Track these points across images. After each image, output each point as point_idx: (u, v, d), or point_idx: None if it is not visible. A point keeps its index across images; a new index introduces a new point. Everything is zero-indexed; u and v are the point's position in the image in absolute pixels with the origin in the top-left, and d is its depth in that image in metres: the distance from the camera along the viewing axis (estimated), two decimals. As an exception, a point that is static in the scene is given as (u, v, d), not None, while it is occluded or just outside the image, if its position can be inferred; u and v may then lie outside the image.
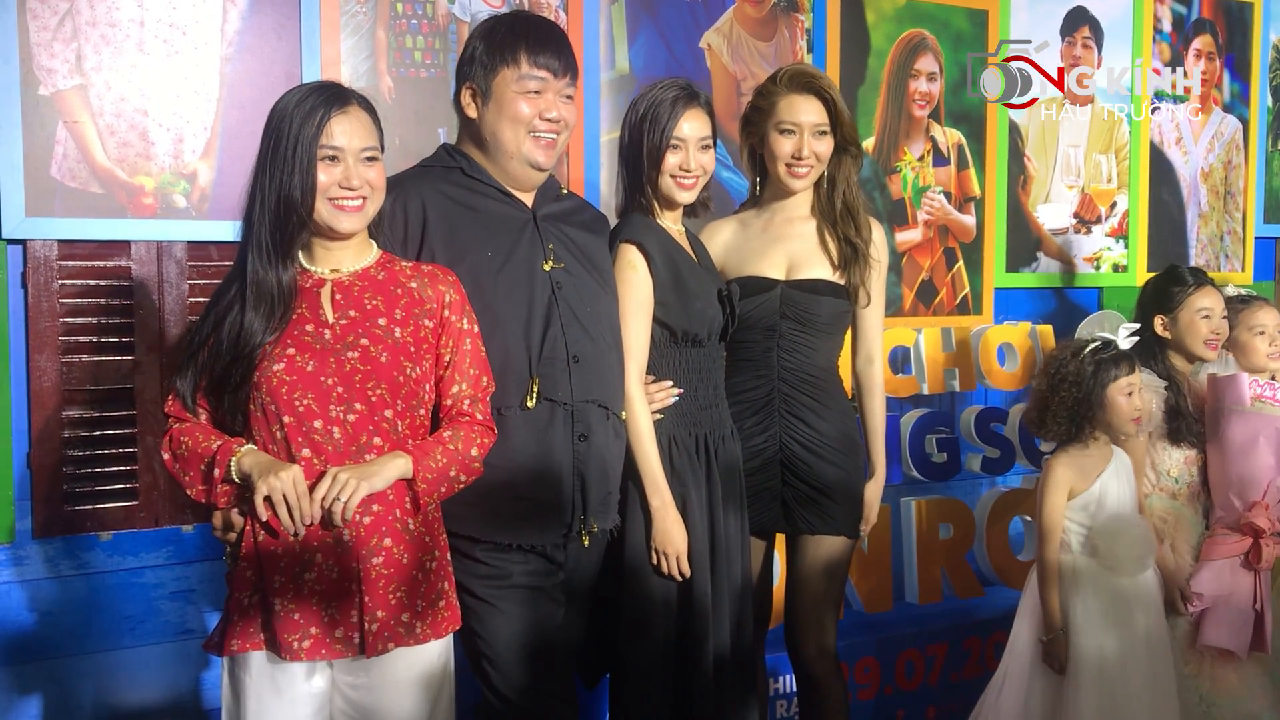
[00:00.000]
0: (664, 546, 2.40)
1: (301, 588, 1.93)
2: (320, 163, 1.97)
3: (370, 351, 1.98)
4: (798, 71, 2.65)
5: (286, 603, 1.92)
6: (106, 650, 2.77)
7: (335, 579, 1.93)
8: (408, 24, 3.02)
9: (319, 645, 1.93)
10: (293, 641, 1.92)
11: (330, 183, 1.98)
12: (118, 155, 2.72)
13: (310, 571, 1.93)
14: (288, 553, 1.93)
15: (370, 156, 2.02)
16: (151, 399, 2.75)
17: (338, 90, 2.02)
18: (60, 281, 2.69)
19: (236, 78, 2.82)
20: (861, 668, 3.47)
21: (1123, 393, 2.80)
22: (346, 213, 2.01)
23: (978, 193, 3.92)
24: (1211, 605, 2.91)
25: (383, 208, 2.11)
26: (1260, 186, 4.56)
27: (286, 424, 1.94)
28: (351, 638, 1.94)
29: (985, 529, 3.75)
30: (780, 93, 2.62)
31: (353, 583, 1.93)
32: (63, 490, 2.70)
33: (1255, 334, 3.16)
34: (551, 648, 2.25)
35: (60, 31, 2.65)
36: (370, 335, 1.99)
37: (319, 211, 1.99)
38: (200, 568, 2.84)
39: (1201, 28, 4.38)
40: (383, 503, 1.96)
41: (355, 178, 1.99)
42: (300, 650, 1.92)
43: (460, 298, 2.12)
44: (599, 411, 2.28)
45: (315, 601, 1.93)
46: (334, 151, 1.98)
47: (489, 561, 2.20)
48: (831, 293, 2.62)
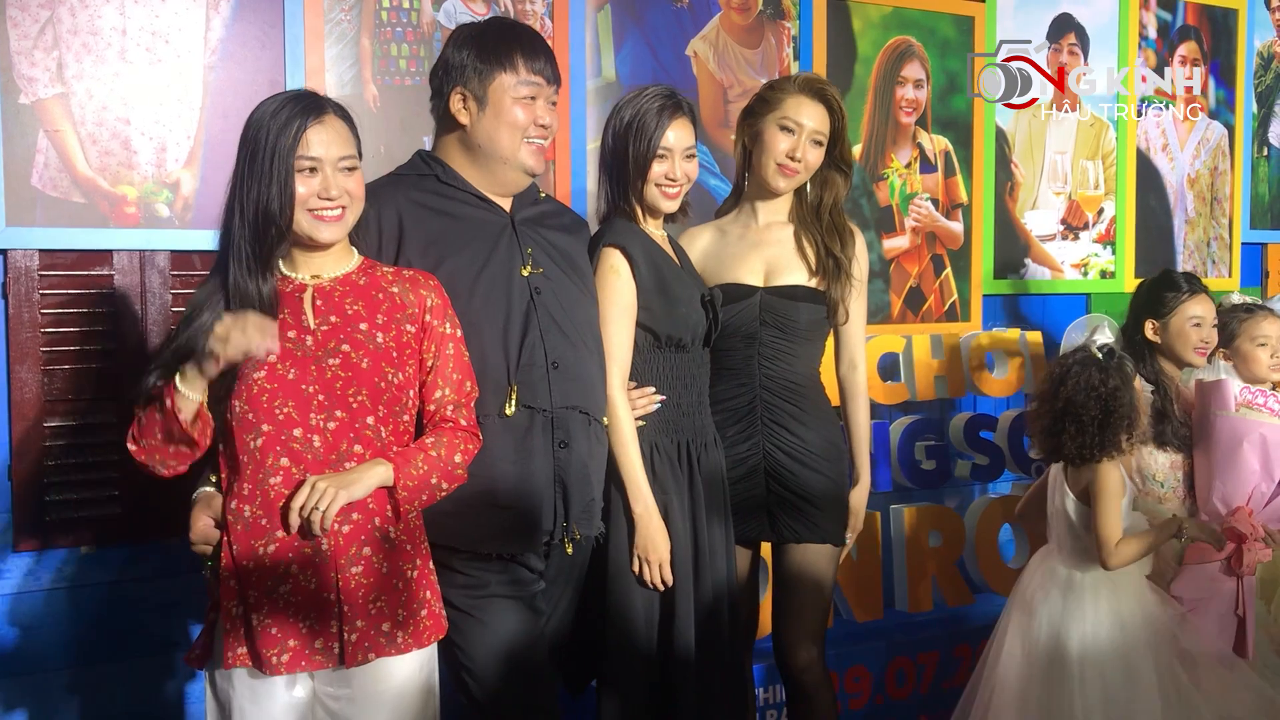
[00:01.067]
0: (647, 554, 2.38)
1: (278, 601, 1.91)
2: (298, 174, 1.96)
3: (351, 358, 1.97)
4: (814, 77, 2.71)
5: (263, 617, 1.91)
6: (89, 664, 2.74)
7: (313, 590, 1.91)
8: (392, 32, 3.01)
9: (298, 658, 1.92)
10: (271, 656, 1.90)
11: (309, 194, 1.97)
12: (100, 164, 2.70)
13: (286, 584, 1.91)
14: (261, 567, 1.91)
15: (348, 166, 2.01)
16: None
17: (314, 99, 2.01)
18: (41, 291, 2.66)
19: (220, 86, 2.81)
20: (852, 676, 3.45)
21: (1146, 392, 2.79)
22: (326, 223, 2.00)
23: (965, 199, 3.92)
24: (1191, 609, 2.89)
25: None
26: (1246, 192, 4.57)
27: (265, 433, 1.92)
28: (331, 648, 1.92)
29: (975, 536, 3.74)
30: (791, 91, 2.64)
31: (330, 593, 1.92)
32: (44, 502, 2.67)
33: (1258, 345, 3.16)
34: (532, 658, 2.23)
35: (41, 40, 2.63)
36: (351, 341, 1.98)
37: (298, 222, 1.98)
38: (184, 580, 2.81)
39: (1186, 34, 4.38)
40: (362, 511, 1.94)
41: (334, 187, 1.98)
42: (280, 664, 1.90)
43: (442, 302, 2.11)
44: (580, 418, 2.26)
45: (292, 614, 1.91)
46: (312, 162, 1.97)
47: (467, 571, 2.18)
48: (810, 299, 2.61)
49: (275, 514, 1.92)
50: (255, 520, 1.92)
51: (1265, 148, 4.63)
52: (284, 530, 1.91)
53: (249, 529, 1.92)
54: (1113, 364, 2.77)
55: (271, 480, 1.93)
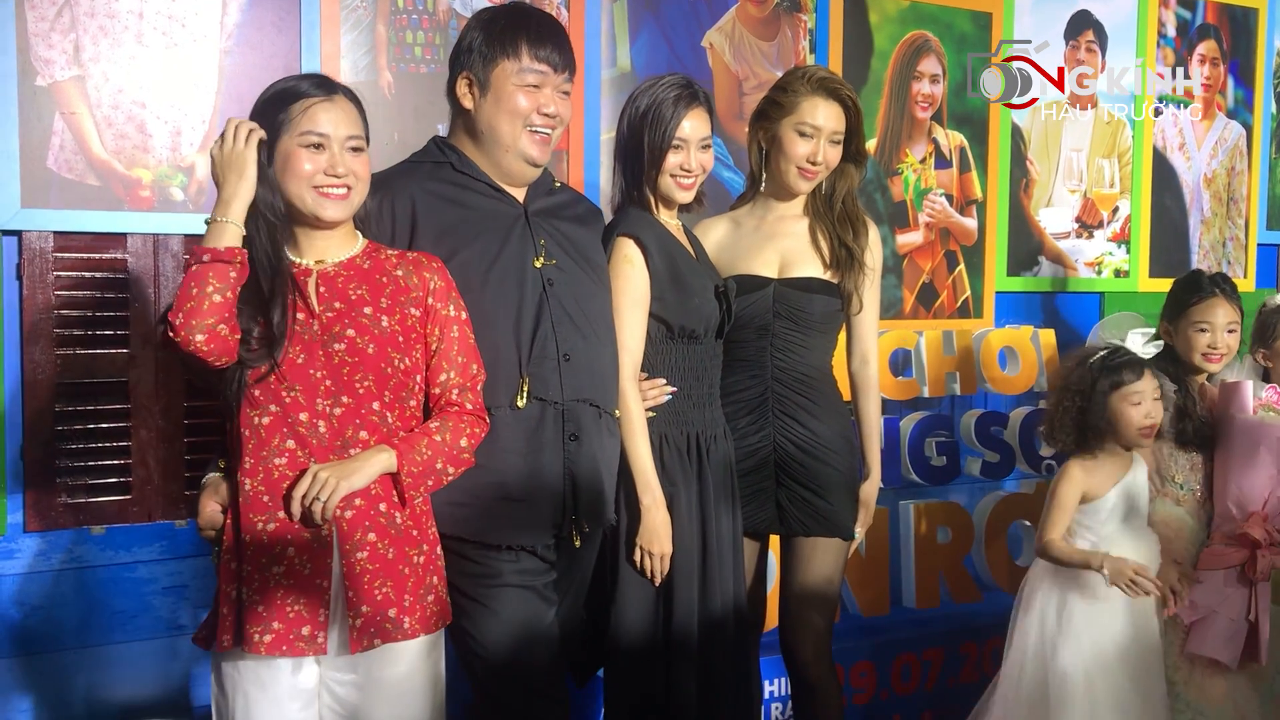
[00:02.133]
0: (649, 545, 2.38)
1: (269, 580, 1.91)
2: (305, 150, 1.96)
3: (357, 343, 1.97)
4: (826, 76, 2.63)
5: (253, 594, 1.91)
6: (99, 645, 2.75)
7: (306, 575, 1.91)
8: (408, 19, 3.01)
9: (280, 640, 1.90)
10: (254, 633, 1.90)
11: (315, 170, 1.97)
12: (115, 147, 2.70)
13: (279, 565, 1.91)
14: (258, 543, 1.91)
15: (354, 146, 2.00)
16: (146, 393, 2.74)
17: (323, 79, 2.02)
18: (55, 274, 2.67)
19: (235, 71, 2.81)
20: (858, 672, 3.45)
21: (1129, 401, 2.74)
22: (332, 200, 1.99)
23: (979, 196, 3.91)
24: (1206, 616, 2.87)
25: (369, 206, 2.09)
26: (1263, 193, 4.54)
27: (272, 413, 1.93)
28: (316, 638, 1.91)
29: (984, 534, 3.73)
30: (804, 93, 2.59)
31: (325, 580, 1.91)
32: (55, 483, 2.68)
33: None
34: (543, 647, 2.23)
35: (58, 22, 2.64)
36: (356, 325, 1.98)
37: (303, 199, 1.97)
38: (193, 563, 2.82)
39: (1206, 33, 4.36)
40: (365, 497, 1.94)
41: (340, 165, 1.97)
42: (260, 644, 1.89)
43: (446, 284, 2.10)
44: (591, 410, 2.25)
45: (281, 597, 1.90)
46: (319, 138, 1.96)
47: (480, 560, 2.18)
48: (824, 291, 2.60)
49: (278, 493, 1.92)
50: (256, 495, 1.92)
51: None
52: (287, 515, 1.91)
53: (249, 502, 1.92)
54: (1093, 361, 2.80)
55: (276, 460, 1.93)
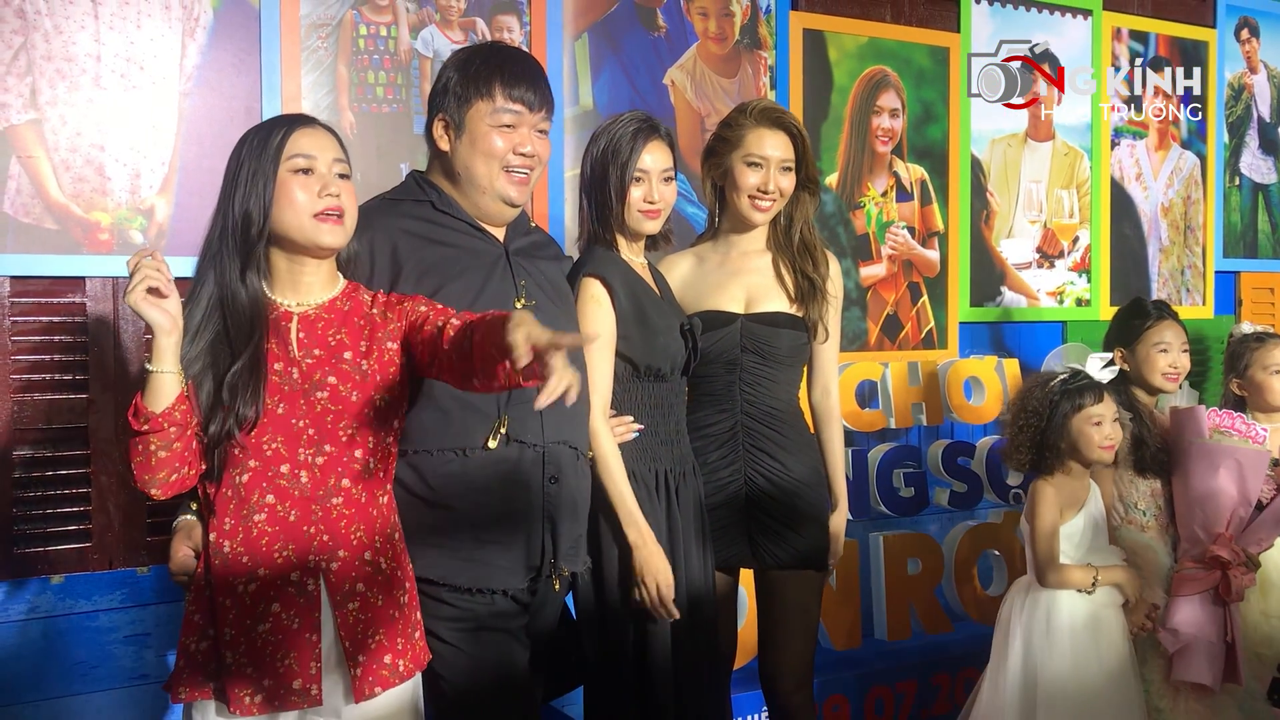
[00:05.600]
0: (646, 577, 2.34)
1: (255, 640, 1.86)
2: (293, 176, 1.89)
3: (340, 391, 1.91)
4: (768, 106, 2.66)
5: (239, 655, 1.85)
6: (59, 696, 2.69)
7: (295, 630, 1.87)
8: (369, 59, 3.01)
9: (272, 696, 1.86)
10: (244, 696, 1.85)
11: (309, 197, 1.89)
12: (73, 190, 2.68)
13: (264, 623, 1.86)
14: (240, 605, 1.86)
15: (342, 172, 1.94)
16: (106, 438, 2.70)
17: (303, 116, 1.99)
18: (13, 319, 2.64)
19: (195, 113, 2.80)
20: (830, 705, 3.43)
21: (1090, 422, 2.82)
22: (331, 225, 1.91)
23: (941, 228, 3.94)
24: (1187, 642, 2.88)
25: (353, 248, 2.04)
26: (1219, 221, 4.62)
27: (252, 469, 1.88)
28: (309, 690, 1.87)
29: (954, 564, 3.74)
30: (749, 126, 2.62)
31: (313, 634, 1.87)
32: (13, 531, 2.63)
33: (1271, 373, 3.18)
34: (516, 691, 2.19)
35: (15, 65, 2.62)
36: (338, 372, 1.92)
37: (302, 230, 1.90)
38: (156, 610, 2.77)
39: (1158, 65, 4.44)
40: (348, 548, 1.91)
41: (333, 184, 1.91)
42: (252, 705, 1.85)
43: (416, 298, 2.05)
44: (569, 453, 2.22)
45: (269, 654, 1.85)
46: (306, 161, 1.90)
47: (454, 604, 2.14)
48: (790, 325, 2.61)
49: (258, 552, 1.86)
50: (235, 557, 1.86)
51: (1237, 177, 4.68)
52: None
53: (227, 565, 1.86)
54: (1053, 384, 2.86)
55: (256, 518, 1.87)
